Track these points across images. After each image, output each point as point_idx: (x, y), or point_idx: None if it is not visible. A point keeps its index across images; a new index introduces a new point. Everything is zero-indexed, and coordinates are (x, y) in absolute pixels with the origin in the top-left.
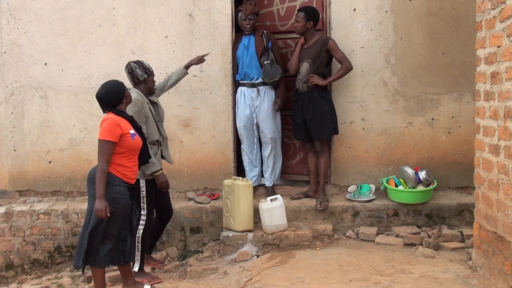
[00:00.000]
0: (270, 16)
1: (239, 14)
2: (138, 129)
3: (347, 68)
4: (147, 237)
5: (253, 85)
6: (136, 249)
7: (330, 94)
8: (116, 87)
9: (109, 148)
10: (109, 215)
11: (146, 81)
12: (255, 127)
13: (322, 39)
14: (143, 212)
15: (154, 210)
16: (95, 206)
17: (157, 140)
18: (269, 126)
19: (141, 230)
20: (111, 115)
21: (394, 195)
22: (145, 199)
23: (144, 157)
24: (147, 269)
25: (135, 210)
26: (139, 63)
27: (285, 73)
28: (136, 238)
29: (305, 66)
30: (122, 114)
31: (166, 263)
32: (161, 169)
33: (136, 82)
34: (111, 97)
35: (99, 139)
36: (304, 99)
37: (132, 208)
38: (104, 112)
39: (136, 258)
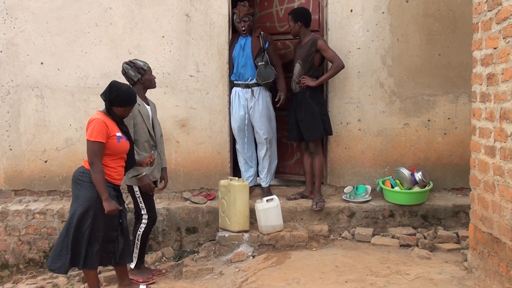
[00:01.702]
0: (269, 17)
1: (234, 16)
2: (125, 132)
3: (338, 66)
4: (148, 237)
5: (247, 86)
6: (135, 246)
7: (323, 95)
8: (131, 96)
9: (100, 149)
10: (120, 208)
11: (142, 80)
12: (246, 127)
13: (312, 39)
14: (143, 212)
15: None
16: (107, 209)
17: (146, 142)
18: (264, 127)
19: (142, 229)
20: (99, 115)
21: (390, 196)
22: (141, 198)
23: (130, 161)
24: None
25: (123, 211)
26: (131, 64)
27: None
28: (136, 236)
29: (297, 67)
30: (112, 115)
31: (164, 271)
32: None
33: (131, 83)
34: (118, 95)
35: (89, 140)
36: (297, 100)
37: (120, 209)
38: (101, 97)
39: (134, 255)
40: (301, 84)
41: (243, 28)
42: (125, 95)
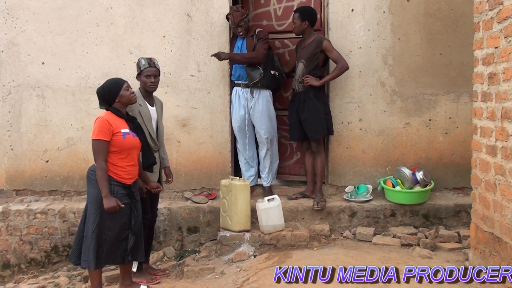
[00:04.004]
0: (267, 15)
1: (229, 22)
2: (134, 129)
3: (342, 67)
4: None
5: (247, 86)
6: None
7: (326, 94)
8: (111, 85)
9: (103, 147)
10: (122, 205)
11: (138, 79)
12: (247, 127)
13: (317, 40)
14: None
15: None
16: (106, 206)
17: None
18: (264, 127)
19: None
20: (103, 114)
21: (391, 195)
22: None
23: (146, 159)
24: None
25: (133, 210)
26: (139, 60)
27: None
28: None
29: (300, 67)
30: (116, 112)
31: (167, 272)
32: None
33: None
34: (103, 94)
35: (92, 139)
36: (299, 99)
37: (131, 207)
38: (100, 107)
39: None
40: (305, 84)
41: (241, 33)
42: (107, 86)
